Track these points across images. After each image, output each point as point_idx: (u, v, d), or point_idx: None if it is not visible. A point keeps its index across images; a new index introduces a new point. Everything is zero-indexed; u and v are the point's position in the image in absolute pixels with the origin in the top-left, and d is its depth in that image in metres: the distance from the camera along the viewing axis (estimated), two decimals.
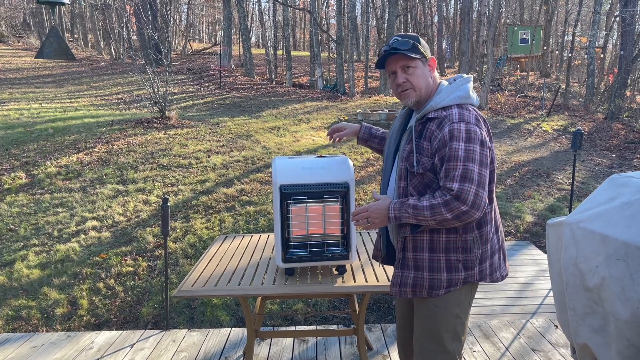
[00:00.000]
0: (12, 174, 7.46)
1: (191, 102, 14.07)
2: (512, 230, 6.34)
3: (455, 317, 1.89)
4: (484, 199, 1.73)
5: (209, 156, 8.33)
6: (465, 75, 1.93)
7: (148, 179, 7.35)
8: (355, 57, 25.75)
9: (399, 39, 1.87)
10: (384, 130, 2.39)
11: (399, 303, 2.19)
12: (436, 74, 1.95)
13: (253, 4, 35.99)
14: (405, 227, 1.87)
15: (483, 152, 1.77)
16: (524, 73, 21.78)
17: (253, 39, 43.18)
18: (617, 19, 21.81)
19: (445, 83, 1.94)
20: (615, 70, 16.83)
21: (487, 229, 1.88)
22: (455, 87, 1.88)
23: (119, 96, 14.69)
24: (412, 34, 1.94)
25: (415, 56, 1.85)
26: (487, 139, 1.82)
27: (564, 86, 18.85)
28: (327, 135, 2.41)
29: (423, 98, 1.91)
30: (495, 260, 1.95)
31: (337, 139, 2.37)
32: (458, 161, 1.73)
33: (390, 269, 2.68)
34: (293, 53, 27.20)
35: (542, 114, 14.06)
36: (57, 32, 22.97)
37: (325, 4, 37.78)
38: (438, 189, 1.80)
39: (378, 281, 2.51)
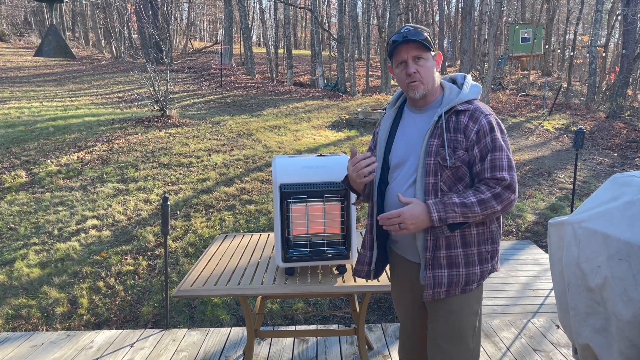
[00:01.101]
0: (13, 173, 7.46)
1: (192, 101, 14.06)
2: (514, 230, 6.32)
3: (476, 314, 1.88)
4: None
5: (210, 155, 8.32)
6: (465, 75, 1.94)
7: (148, 178, 7.34)
8: (356, 55, 25.71)
9: (411, 29, 1.81)
10: None
11: (405, 309, 2.05)
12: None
13: (254, 2, 35.98)
14: (442, 227, 1.77)
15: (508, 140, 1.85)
16: (526, 72, 21.74)
17: (254, 38, 43.16)
18: (619, 17, 21.76)
19: (444, 81, 1.93)
20: (617, 69, 16.78)
21: (502, 218, 1.92)
22: (471, 84, 1.90)
23: (120, 95, 14.69)
24: (416, 26, 1.86)
25: (429, 47, 1.81)
26: None
27: (565, 85, 18.81)
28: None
29: (430, 91, 1.85)
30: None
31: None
32: (502, 151, 1.75)
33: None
34: (294, 52, 27.18)
35: (544, 113, 14.03)
36: (55, 31, 22.97)
37: (326, 2, 37.74)
38: (480, 182, 1.76)
39: (379, 281, 2.50)
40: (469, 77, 1.93)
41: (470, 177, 1.80)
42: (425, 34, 1.82)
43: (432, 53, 1.84)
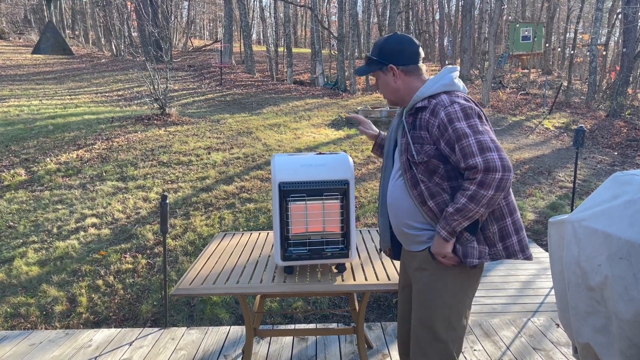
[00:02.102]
0: (12, 171, 7.44)
1: (192, 99, 14.05)
2: None
3: (449, 307, 1.95)
4: (507, 159, 1.72)
5: (209, 153, 8.31)
6: (450, 66, 1.96)
7: (148, 176, 7.33)
8: (356, 54, 25.67)
9: (365, 55, 2.05)
10: None
11: (400, 293, 2.19)
12: (423, 73, 1.97)
13: (254, 0, 35.93)
14: (463, 237, 1.83)
15: (483, 123, 1.79)
16: (526, 70, 21.72)
17: (254, 36, 43.11)
18: (620, 16, 21.72)
19: (428, 79, 1.99)
20: (618, 68, 16.76)
21: (510, 198, 1.91)
22: (439, 77, 1.91)
23: (120, 93, 14.67)
24: (378, 40, 2.02)
25: (368, 71, 2.01)
26: (482, 112, 1.85)
27: (565, 84, 18.79)
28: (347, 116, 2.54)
29: (399, 100, 2.00)
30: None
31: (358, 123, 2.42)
32: (467, 137, 1.73)
33: (389, 267, 2.66)
34: (294, 50, 27.15)
35: (544, 112, 14.01)
36: (53, 27, 22.94)
37: (326, 0, 37.68)
38: (462, 176, 1.81)
39: (378, 279, 2.49)
40: (446, 69, 1.94)
41: (444, 168, 1.83)
42: (368, 57, 2.01)
43: (384, 67, 1.96)
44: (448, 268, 1.88)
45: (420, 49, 1.99)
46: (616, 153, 10.63)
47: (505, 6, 27.41)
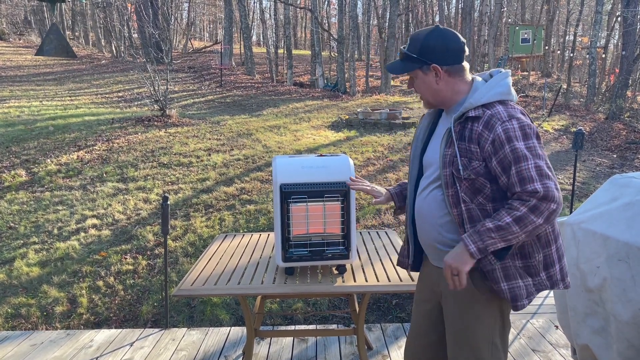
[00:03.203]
0: (13, 172, 7.46)
1: (192, 101, 14.06)
2: None
3: (487, 327, 1.81)
4: (560, 191, 1.58)
5: (210, 155, 8.33)
6: (502, 70, 1.77)
7: (148, 177, 7.34)
8: (356, 56, 25.72)
9: (394, 63, 1.83)
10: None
11: (420, 307, 2.01)
12: (466, 73, 1.78)
13: (254, 2, 35.99)
14: (486, 259, 1.66)
15: (541, 145, 1.63)
16: (525, 73, 21.76)
17: (254, 38, 43.15)
18: (619, 19, 21.76)
19: (479, 79, 1.80)
20: (617, 71, 16.81)
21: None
22: (494, 83, 1.71)
23: (120, 94, 14.69)
24: (417, 34, 1.79)
25: (406, 69, 1.79)
26: (539, 135, 1.68)
27: (565, 86, 18.83)
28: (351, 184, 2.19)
29: (439, 102, 1.81)
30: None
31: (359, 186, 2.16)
32: (527, 161, 1.57)
33: (389, 268, 2.67)
34: (294, 52, 27.18)
35: (543, 114, 14.04)
36: (57, 30, 22.99)
37: (326, 2, 37.74)
38: (513, 196, 1.62)
39: (378, 281, 2.51)
40: (500, 75, 1.75)
41: (490, 188, 1.68)
42: (405, 53, 1.78)
43: (426, 66, 1.75)
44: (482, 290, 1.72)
45: (465, 46, 1.78)
46: (615, 156, 10.65)
47: (505, 9, 27.46)
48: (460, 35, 1.76)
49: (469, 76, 1.78)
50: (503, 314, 1.78)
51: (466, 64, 1.78)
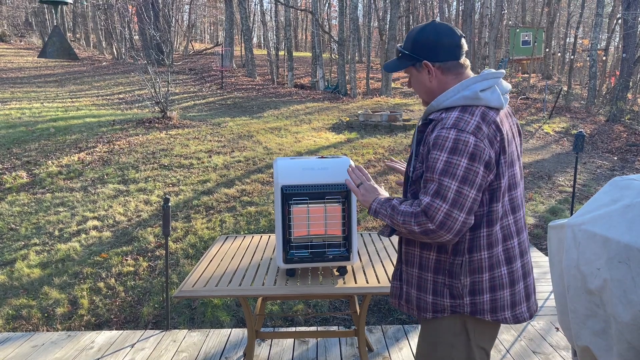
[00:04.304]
0: (14, 173, 7.47)
1: (192, 102, 14.08)
2: None
3: (451, 346, 1.67)
4: (458, 221, 1.49)
5: (210, 156, 8.34)
6: (493, 71, 1.63)
7: (149, 179, 7.35)
8: (357, 58, 25.73)
9: (397, 48, 1.78)
10: None
11: None
12: (464, 71, 1.67)
13: (255, 4, 36.05)
14: (386, 228, 1.74)
15: (472, 167, 1.49)
16: (526, 75, 21.78)
17: (255, 40, 43.21)
18: (620, 21, 21.79)
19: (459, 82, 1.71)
20: (617, 73, 16.82)
21: (479, 255, 1.62)
22: (464, 86, 1.60)
23: (121, 96, 14.71)
24: (411, 30, 1.73)
25: (400, 67, 1.73)
26: (488, 153, 1.52)
27: (565, 88, 18.84)
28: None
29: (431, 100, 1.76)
30: (502, 297, 1.67)
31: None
32: (434, 174, 1.51)
33: (390, 270, 2.68)
34: (295, 54, 27.22)
35: (544, 116, 14.05)
36: (59, 32, 23.05)
37: (327, 4, 37.79)
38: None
39: (379, 282, 2.51)
40: (477, 77, 1.63)
41: None
42: (400, 51, 1.73)
43: (418, 63, 1.68)
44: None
45: (463, 41, 1.65)
46: (616, 158, 10.65)
47: (506, 11, 27.48)
48: (457, 30, 1.65)
49: (468, 73, 1.68)
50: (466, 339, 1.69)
51: (465, 61, 1.67)
